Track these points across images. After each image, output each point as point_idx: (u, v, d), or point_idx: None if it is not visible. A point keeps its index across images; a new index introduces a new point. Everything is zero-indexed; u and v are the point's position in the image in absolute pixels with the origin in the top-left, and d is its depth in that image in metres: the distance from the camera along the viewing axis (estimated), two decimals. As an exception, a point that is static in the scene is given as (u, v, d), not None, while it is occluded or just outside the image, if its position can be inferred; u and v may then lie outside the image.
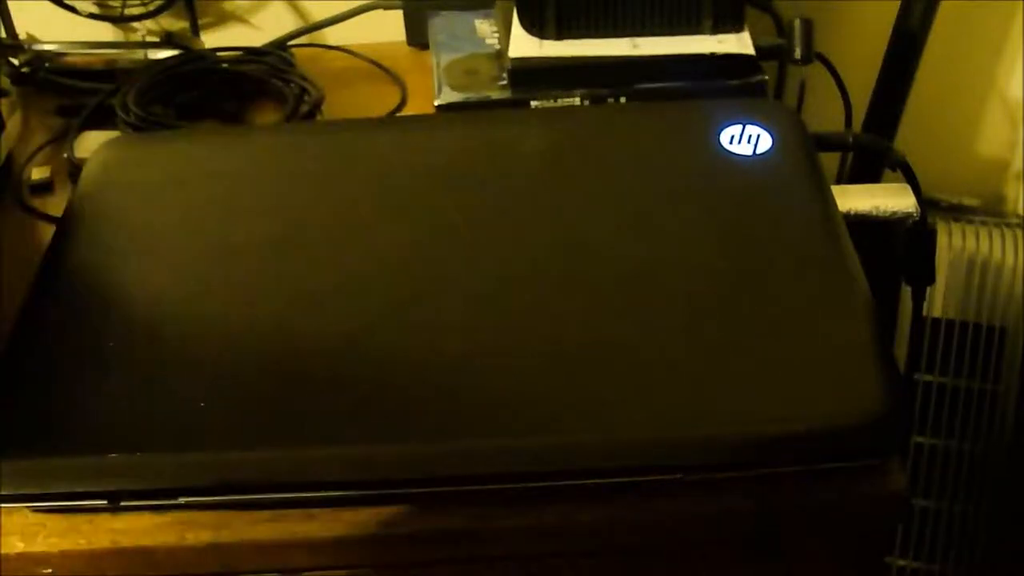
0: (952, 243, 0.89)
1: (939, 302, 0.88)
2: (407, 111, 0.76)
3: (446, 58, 0.72)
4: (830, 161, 0.70)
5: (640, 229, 0.49)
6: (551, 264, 0.48)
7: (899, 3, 0.83)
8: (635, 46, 0.67)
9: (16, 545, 0.43)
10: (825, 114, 0.81)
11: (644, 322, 0.45)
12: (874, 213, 0.62)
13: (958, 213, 0.95)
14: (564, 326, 0.45)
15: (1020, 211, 0.99)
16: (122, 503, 0.42)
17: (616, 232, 0.49)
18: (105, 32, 0.85)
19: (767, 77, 0.68)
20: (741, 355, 0.44)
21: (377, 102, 0.76)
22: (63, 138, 0.70)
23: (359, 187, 0.53)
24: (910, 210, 0.62)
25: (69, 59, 0.78)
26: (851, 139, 0.62)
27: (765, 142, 0.53)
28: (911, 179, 0.61)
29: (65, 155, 0.68)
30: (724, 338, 0.44)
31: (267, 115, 0.74)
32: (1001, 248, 0.89)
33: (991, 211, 0.98)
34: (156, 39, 0.81)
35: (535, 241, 0.49)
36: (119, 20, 0.83)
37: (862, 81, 0.85)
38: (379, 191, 0.52)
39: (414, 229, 0.50)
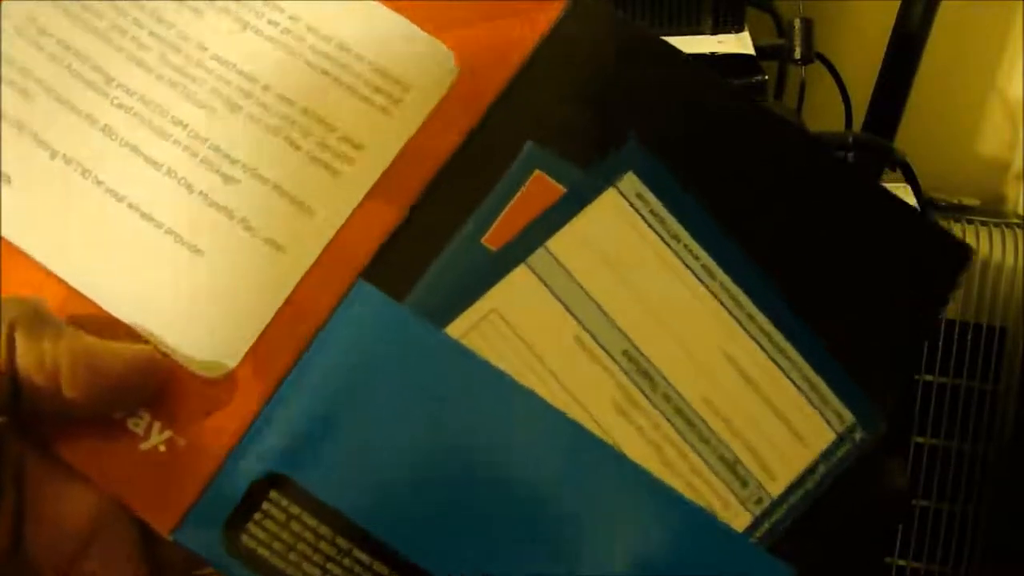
0: (952, 243, 0.89)
1: (939, 302, 0.88)
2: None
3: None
4: (830, 161, 0.70)
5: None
6: None
7: (899, 3, 0.83)
8: (635, 46, 0.67)
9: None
10: (825, 114, 0.81)
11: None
12: (874, 213, 0.62)
13: (958, 213, 0.95)
14: None
15: (1020, 211, 0.99)
16: None
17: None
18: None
19: (767, 77, 0.68)
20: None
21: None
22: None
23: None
24: (910, 210, 0.62)
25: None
26: (851, 139, 0.62)
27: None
28: (911, 179, 0.61)
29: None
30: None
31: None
32: (1001, 248, 0.89)
33: (991, 211, 0.98)
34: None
35: None
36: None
37: (862, 81, 0.85)
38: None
39: None
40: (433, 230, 0.29)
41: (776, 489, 0.30)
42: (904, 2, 0.83)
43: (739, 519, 0.30)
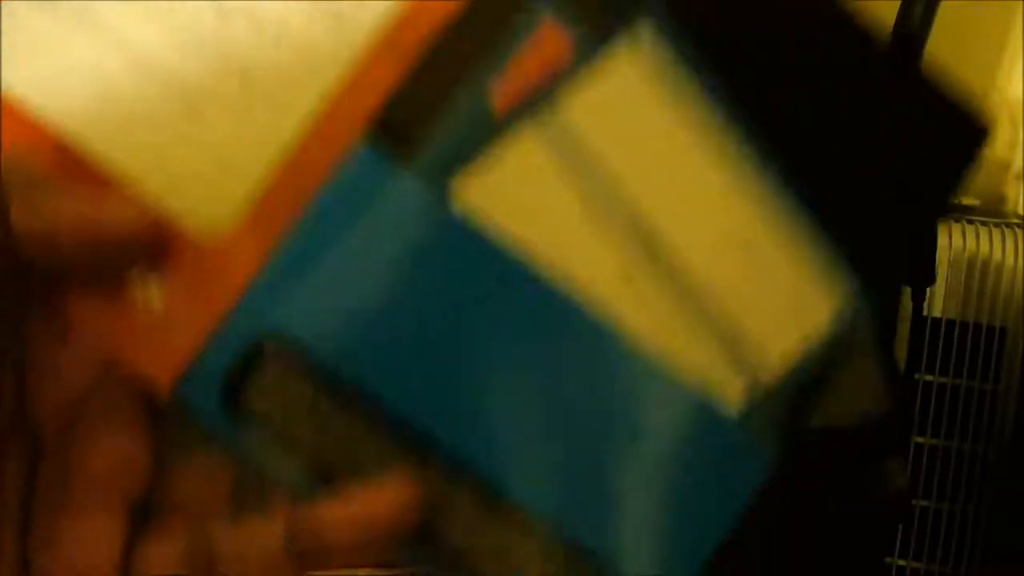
0: (952, 243, 0.89)
1: (939, 302, 0.88)
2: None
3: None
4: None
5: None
6: None
7: (899, 3, 0.83)
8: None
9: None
10: (825, 114, 0.81)
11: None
12: (874, 213, 0.62)
13: (958, 213, 0.95)
14: None
15: (1020, 211, 0.99)
16: None
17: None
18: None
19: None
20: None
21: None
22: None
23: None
24: (910, 210, 0.62)
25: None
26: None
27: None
28: (911, 179, 0.61)
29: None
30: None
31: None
32: (1001, 248, 0.89)
33: (991, 211, 0.98)
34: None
35: None
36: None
37: (862, 81, 0.85)
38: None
39: None
40: (437, 85, 0.28)
41: (771, 365, 0.29)
42: (904, 2, 0.83)
43: (732, 392, 0.29)
